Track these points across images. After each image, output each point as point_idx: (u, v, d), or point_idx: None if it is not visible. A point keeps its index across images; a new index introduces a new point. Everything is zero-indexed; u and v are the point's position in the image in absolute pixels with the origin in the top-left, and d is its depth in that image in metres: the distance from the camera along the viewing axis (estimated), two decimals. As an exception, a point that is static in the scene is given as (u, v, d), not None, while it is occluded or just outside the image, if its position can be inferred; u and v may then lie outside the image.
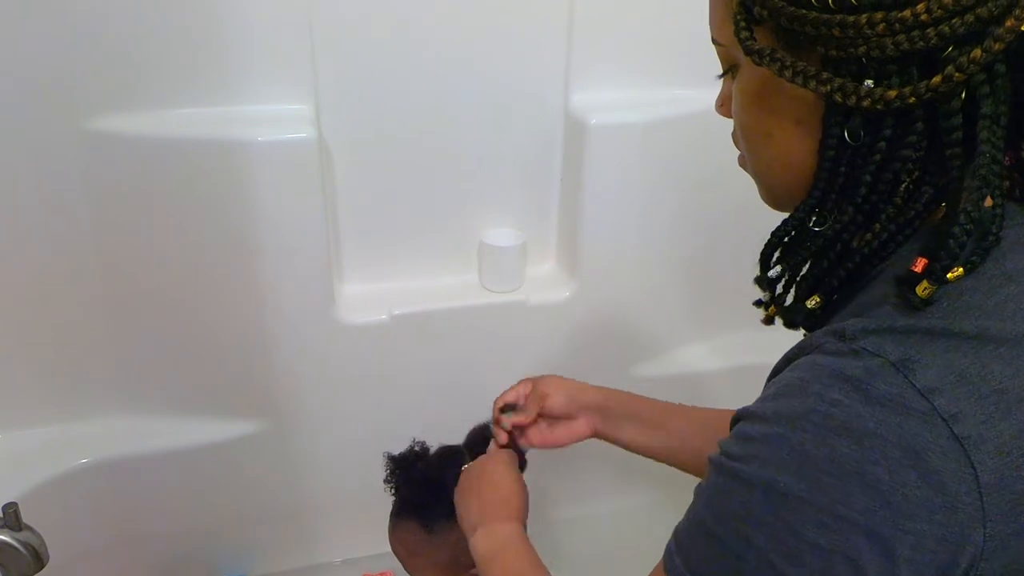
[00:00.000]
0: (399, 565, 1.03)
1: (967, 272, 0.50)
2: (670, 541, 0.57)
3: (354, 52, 1.20)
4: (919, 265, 0.49)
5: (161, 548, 1.40)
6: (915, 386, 0.47)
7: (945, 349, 0.48)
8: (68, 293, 1.19)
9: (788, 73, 0.51)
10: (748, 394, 0.59)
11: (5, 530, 0.83)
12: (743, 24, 0.53)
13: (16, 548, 0.83)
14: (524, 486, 0.89)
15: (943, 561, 0.47)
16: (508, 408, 0.96)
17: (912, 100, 0.48)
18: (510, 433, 0.93)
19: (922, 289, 0.49)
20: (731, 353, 1.52)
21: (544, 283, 1.44)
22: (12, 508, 0.84)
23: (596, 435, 0.95)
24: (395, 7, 1.19)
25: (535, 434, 0.94)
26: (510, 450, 0.93)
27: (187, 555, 1.43)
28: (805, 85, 0.50)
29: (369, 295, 1.37)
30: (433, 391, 1.38)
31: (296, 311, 1.26)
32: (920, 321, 0.49)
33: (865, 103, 0.49)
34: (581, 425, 0.94)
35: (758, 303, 0.64)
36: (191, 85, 1.13)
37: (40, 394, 1.26)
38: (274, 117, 1.16)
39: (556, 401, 0.94)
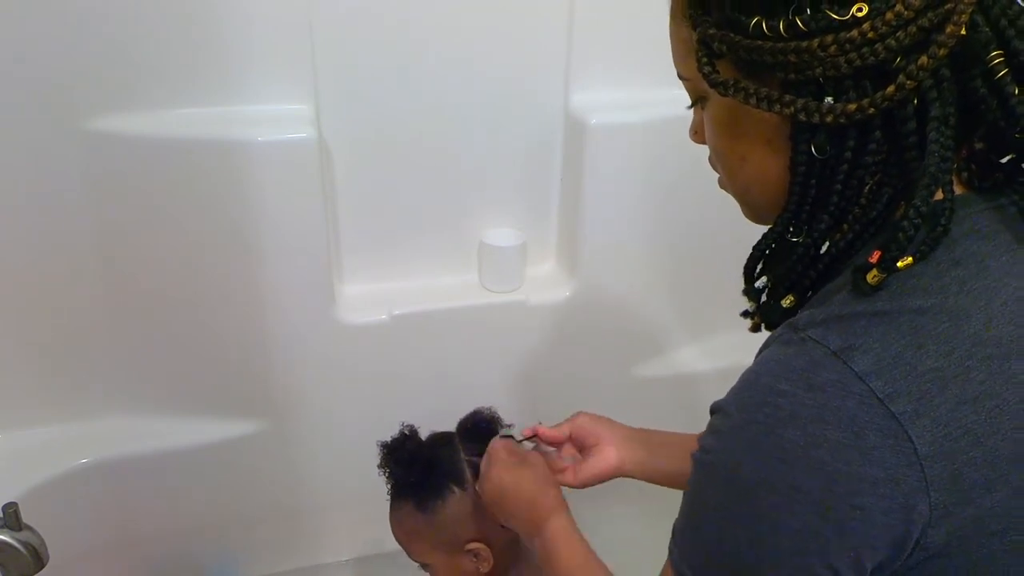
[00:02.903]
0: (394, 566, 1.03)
1: (916, 261, 0.53)
2: (670, 538, 0.61)
3: (354, 52, 1.20)
4: (874, 256, 0.53)
5: (161, 548, 1.40)
6: (854, 371, 0.50)
7: (885, 332, 0.52)
8: (68, 293, 1.19)
9: (753, 100, 0.54)
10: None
11: (5, 530, 0.83)
12: (705, 60, 0.57)
13: (16, 548, 0.83)
14: (541, 475, 0.88)
15: (896, 532, 0.50)
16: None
17: (871, 111, 0.51)
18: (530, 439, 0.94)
19: (872, 277, 0.53)
20: (731, 353, 1.51)
21: (544, 283, 1.44)
22: (12, 508, 0.84)
23: (623, 468, 0.93)
24: (395, 7, 1.19)
25: (569, 473, 0.93)
26: (505, 440, 0.92)
27: (187, 555, 1.43)
28: (771, 109, 0.54)
29: (369, 295, 1.37)
30: (433, 391, 1.38)
31: (296, 311, 1.26)
32: (867, 306, 0.53)
33: (828, 119, 0.52)
34: (610, 454, 0.92)
35: (745, 314, 0.68)
36: (191, 85, 1.13)
37: (40, 394, 1.26)
38: (274, 117, 1.16)
39: (585, 420, 0.94)
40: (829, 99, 0.52)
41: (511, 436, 0.94)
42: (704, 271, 1.46)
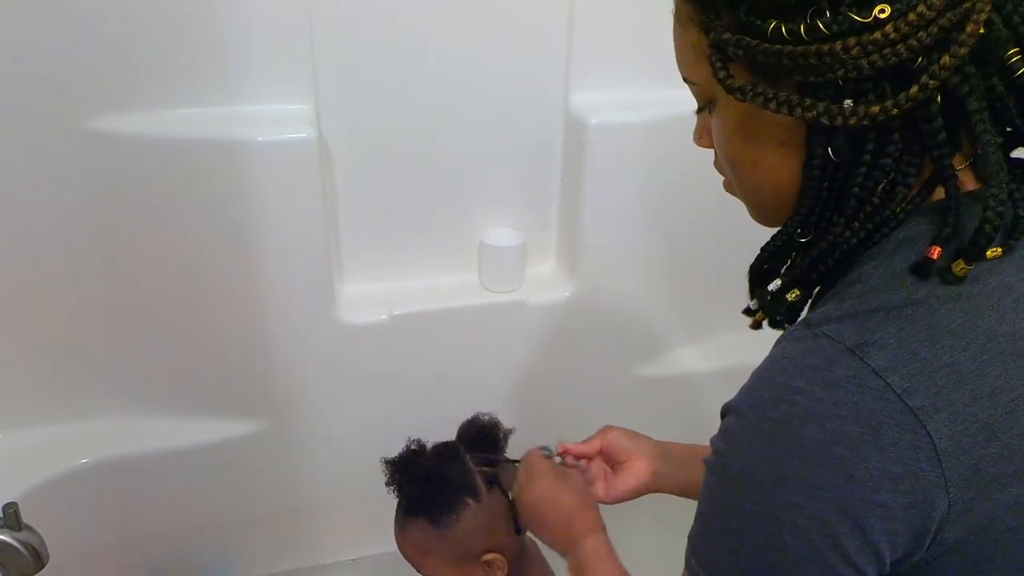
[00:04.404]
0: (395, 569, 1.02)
1: (1005, 253, 0.53)
2: (687, 546, 0.60)
3: (354, 52, 1.20)
4: (934, 252, 0.53)
5: (161, 548, 1.40)
6: (870, 366, 0.50)
7: (900, 328, 0.51)
8: (68, 293, 1.19)
9: (773, 105, 0.53)
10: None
11: (5, 530, 0.83)
12: (719, 65, 0.55)
13: (16, 548, 0.84)
14: (586, 495, 0.89)
15: (915, 528, 0.50)
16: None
17: (894, 112, 0.51)
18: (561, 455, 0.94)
19: (959, 269, 0.52)
20: (731, 353, 1.52)
21: (544, 283, 1.44)
22: (12, 508, 0.84)
23: (656, 483, 0.92)
24: (395, 7, 1.19)
25: (600, 487, 0.93)
26: (548, 461, 0.91)
27: (187, 555, 1.43)
28: (791, 114, 0.53)
29: (369, 295, 1.37)
30: (433, 391, 1.38)
31: (296, 311, 1.26)
32: (882, 302, 0.53)
33: (852, 121, 0.51)
34: (641, 468, 0.92)
35: (747, 311, 0.67)
36: (191, 85, 1.13)
37: (40, 394, 1.26)
38: (274, 117, 1.16)
39: (617, 435, 0.94)
40: (849, 102, 0.51)
41: (547, 451, 0.93)
42: (704, 271, 1.46)
